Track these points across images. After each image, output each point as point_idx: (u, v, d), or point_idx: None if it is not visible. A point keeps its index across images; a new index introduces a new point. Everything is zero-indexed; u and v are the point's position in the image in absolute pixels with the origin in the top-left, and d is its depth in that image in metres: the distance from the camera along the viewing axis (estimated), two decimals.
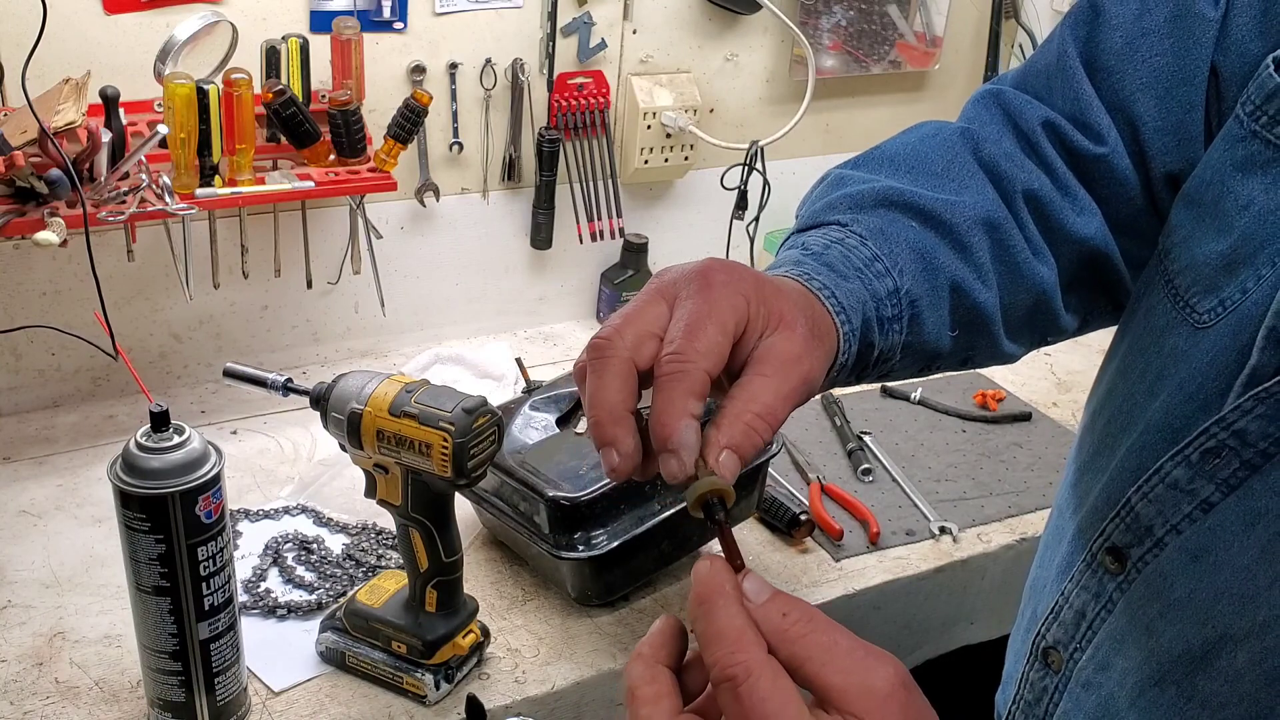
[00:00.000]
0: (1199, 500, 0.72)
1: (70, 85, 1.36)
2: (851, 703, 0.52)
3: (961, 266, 0.82)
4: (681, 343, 0.63)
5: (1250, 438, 0.68)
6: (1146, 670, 0.76)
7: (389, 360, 1.80)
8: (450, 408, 1.04)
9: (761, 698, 0.52)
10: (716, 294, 0.66)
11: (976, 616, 1.51)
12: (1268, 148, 0.71)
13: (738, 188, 1.90)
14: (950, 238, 0.82)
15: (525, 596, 1.31)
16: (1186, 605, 0.73)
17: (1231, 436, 0.69)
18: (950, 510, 1.51)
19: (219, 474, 1.01)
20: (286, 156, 1.51)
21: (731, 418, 0.63)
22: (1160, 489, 0.74)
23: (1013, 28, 2.09)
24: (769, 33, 1.91)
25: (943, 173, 0.86)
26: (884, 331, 0.79)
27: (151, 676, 1.06)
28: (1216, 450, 0.69)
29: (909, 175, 0.86)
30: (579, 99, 1.78)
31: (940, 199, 0.83)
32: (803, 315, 0.69)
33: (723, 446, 0.62)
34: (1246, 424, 0.68)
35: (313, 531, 1.38)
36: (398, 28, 1.62)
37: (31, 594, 1.26)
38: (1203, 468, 0.71)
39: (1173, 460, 0.73)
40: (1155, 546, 0.75)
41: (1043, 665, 0.86)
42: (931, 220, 0.82)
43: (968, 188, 0.85)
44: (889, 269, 0.79)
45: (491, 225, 1.82)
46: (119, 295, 1.57)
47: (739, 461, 0.63)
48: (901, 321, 0.79)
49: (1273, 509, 0.67)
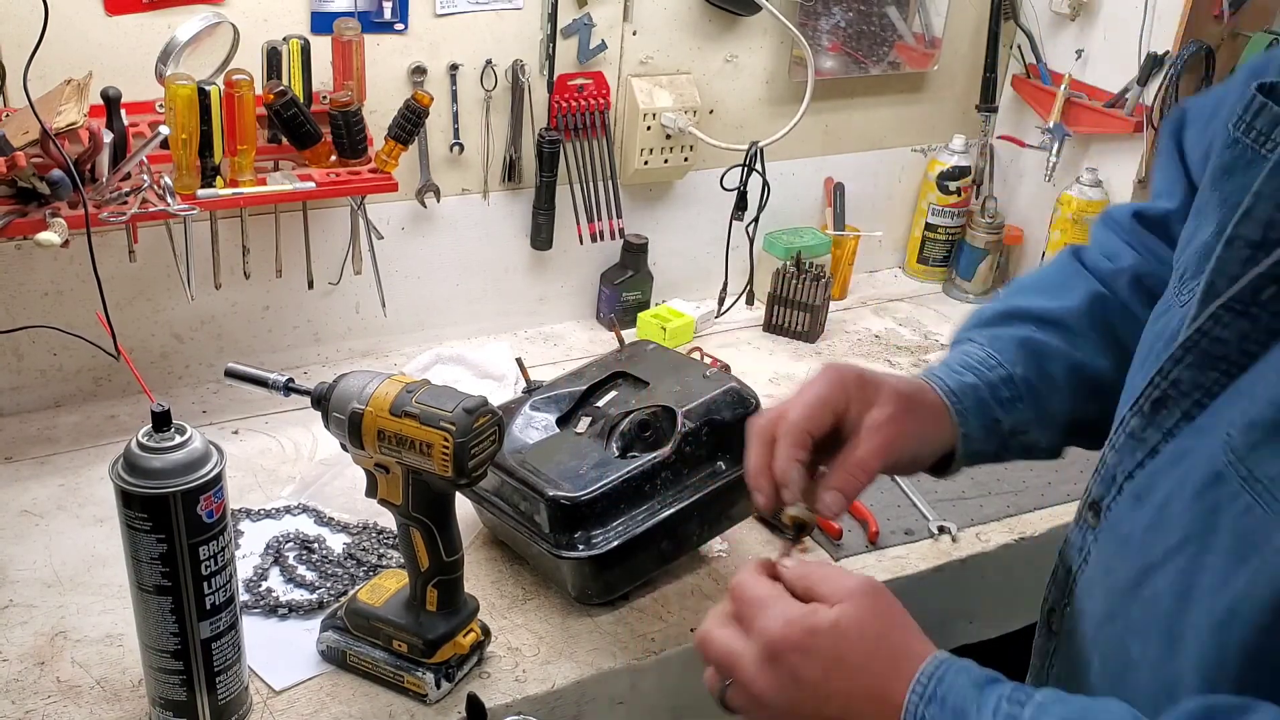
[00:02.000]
0: (1149, 448, 0.80)
1: (72, 86, 1.37)
2: (830, 596, 0.78)
3: (1070, 350, 1.01)
4: (792, 412, 0.92)
5: (1184, 387, 0.76)
6: (1103, 609, 0.84)
7: (390, 360, 1.80)
8: (451, 408, 1.04)
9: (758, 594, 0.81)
10: (824, 379, 0.93)
11: (975, 616, 1.51)
12: (1247, 150, 0.78)
13: (737, 188, 1.91)
14: (1060, 328, 1.02)
15: (525, 596, 1.31)
16: (1128, 542, 0.81)
17: (1171, 386, 0.77)
18: (949, 510, 1.51)
19: (220, 474, 1.01)
20: (288, 157, 1.51)
21: (837, 468, 0.91)
22: (1122, 439, 0.82)
23: (1011, 28, 2.09)
24: (768, 34, 1.91)
25: (1059, 285, 1.06)
26: (1007, 410, 0.99)
27: (153, 675, 1.06)
28: (1163, 401, 0.78)
29: (1032, 293, 1.07)
30: (579, 100, 1.78)
31: (1050, 305, 1.03)
32: (897, 397, 0.93)
33: (830, 488, 0.90)
34: (1179, 373, 0.76)
35: (314, 531, 1.39)
36: (398, 29, 1.62)
37: (33, 593, 1.26)
38: (1153, 418, 0.79)
39: (1131, 411, 0.81)
40: (1117, 493, 0.83)
41: (1046, 629, 0.94)
42: (1043, 320, 1.03)
43: (1075, 289, 1.04)
44: (1000, 363, 1.00)
45: (492, 226, 1.83)
46: (121, 295, 1.57)
47: (843, 500, 0.90)
48: (1021, 401, 0.99)
49: (1198, 448, 0.74)
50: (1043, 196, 2.08)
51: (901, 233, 2.24)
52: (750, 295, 2.04)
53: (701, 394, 1.32)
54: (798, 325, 1.96)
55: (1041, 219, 2.08)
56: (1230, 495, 0.69)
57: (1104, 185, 1.97)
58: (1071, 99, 1.99)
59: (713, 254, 2.01)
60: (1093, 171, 1.97)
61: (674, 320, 1.90)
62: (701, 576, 1.36)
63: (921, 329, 2.04)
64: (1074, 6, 1.99)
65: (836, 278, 2.07)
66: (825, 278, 1.95)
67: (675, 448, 1.27)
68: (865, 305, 2.12)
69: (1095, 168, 1.98)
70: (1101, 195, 1.97)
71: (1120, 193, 1.97)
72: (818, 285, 1.93)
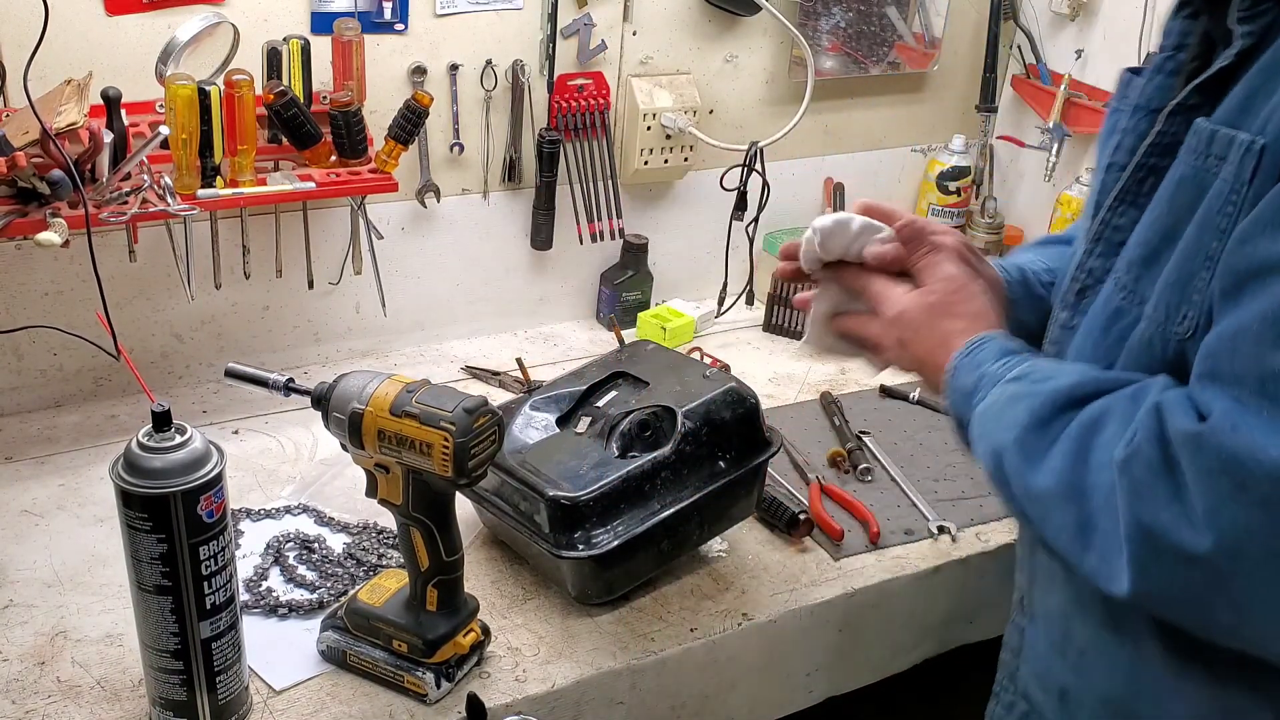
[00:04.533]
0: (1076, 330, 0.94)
1: (72, 86, 1.37)
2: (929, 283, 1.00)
3: None
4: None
5: (1097, 273, 0.92)
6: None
7: (390, 360, 1.80)
8: (451, 407, 1.04)
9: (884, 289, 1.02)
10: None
11: (975, 615, 1.51)
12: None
13: (737, 188, 1.91)
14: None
15: (525, 595, 1.31)
16: None
17: (1087, 275, 0.93)
18: (949, 509, 1.51)
19: (220, 473, 1.01)
20: (288, 157, 1.51)
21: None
22: (1056, 330, 0.97)
23: (1011, 29, 2.09)
24: (768, 34, 1.91)
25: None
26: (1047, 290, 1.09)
27: (153, 675, 1.06)
28: (1083, 291, 0.93)
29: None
30: (579, 100, 1.78)
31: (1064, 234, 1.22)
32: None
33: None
34: (1092, 263, 0.92)
35: (314, 531, 1.39)
36: (398, 29, 1.62)
37: (33, 593, 1.26)
38: (1077, 305, 0.94)
39: (1060, 306, 0.96)
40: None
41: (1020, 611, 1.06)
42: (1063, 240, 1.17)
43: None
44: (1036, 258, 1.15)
45: (492, 226, 1.83)
46: (121, 295, 1.57)
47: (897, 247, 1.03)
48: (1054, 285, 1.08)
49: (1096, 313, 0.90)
50: (1042, 196, 2.08)
51: None
52: (750, 295, 2.04)
53: (701, 394, 1.32)
54: (798, 325, 1.96)
55: (1041, 219, 2.08)
56: (1123, 314, 0.86)
57: None
58: (1071, 99, 1.99)
59: (712, 254, 2.01)
60: (1092, 171, 1.97)
61: (674, 320, 1.90)
62: (701, 576, 1.36)
63: None
64: (1074, 6, 1.99)
65: None
66: None
67: (675, 448, 1.27)
68: None
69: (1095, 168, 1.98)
70: None
71: None
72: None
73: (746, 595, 1.34)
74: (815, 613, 1.35)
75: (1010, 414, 0.86)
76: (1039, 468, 0.83)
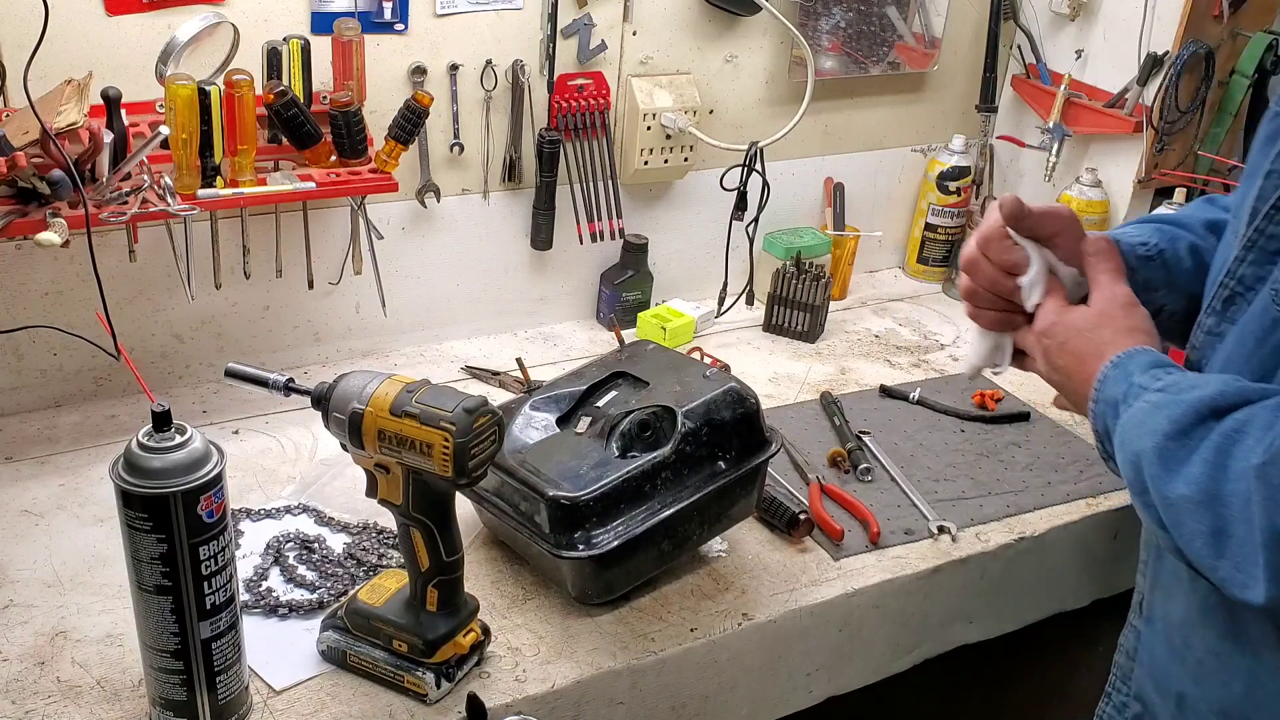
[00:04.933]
0: (1223, 340, 0.92)
1: (72, 86, 1.37)
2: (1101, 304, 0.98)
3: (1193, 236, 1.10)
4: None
5: (1248, 281, 0.90)
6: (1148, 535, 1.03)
7: (390, 360, 1.80)
8: (451, 407, 1.04)
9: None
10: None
11: (975, 615, 1.51)
12: None
13: (737, 188, 1.91)
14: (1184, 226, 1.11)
15: (526, 596, 1.31)
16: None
17: (1237, 283, 0.91)
18: (949, 509, 1.51)
19: (220, 474, 1.01)
20: (288, 157, 1.51)
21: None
22: (1201, 337, 0.96)
23: (1011, 29, 2.09)
24: (768, 34, 1.91)
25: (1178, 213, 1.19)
26: (1142, 264, 1.06)
27: (153, 675, 1.06)
28: (1231, 298, 0.92)
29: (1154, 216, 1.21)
30: (579, 100, 1.78)
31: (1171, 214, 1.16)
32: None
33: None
34: (1243, 270, 0.91)
35: (314, 531, 1.39)
36: (398, 29, 1.62)
37: (33, 593, 1.26)
38: (1224, 313, 0.93)
39: (1206, 312, 0.95)
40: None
41: (1138, 614, 1.07)
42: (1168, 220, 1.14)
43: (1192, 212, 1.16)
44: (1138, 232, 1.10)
45: (492, 226, 1.83)
46: (121, 295, 1.57)
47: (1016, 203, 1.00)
48: (1154, 260, 1.07)
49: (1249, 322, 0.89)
50: (1042, 196, 2.08)
51: (901, 233, 2.24)
52: (750, 295, 2.04)
53: (701, 394, 1.32)
54: (797, 325, 1.96)
55: None
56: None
57: (1104, 185, 1.97)
58: (1071, 99, 1.99)
59: (713, 254, 2.01)
60: (1092, 171, 1.97)
61: (674, 320, 1.90)
62: (701, 576, 1.36)
63: (921, 329, 2.04)
64: (1074, 6, 1.99)
65: (836, 278, 2.07)
66: (825, 278, 1.95)
67: (675, 448, 1.27)
68: (865, 305, 2.13)
69: (1095, 168, 1.98)
70: (1101, 195, 1.97)
71: (1120, 193, 1.97)
72: (817, 285, 1.93)
73: (747, 595, 1.34)
74: (815, 613, 1.35)
75: (1152, 422, 0.85)
76: (1177, 475, 0.82)
